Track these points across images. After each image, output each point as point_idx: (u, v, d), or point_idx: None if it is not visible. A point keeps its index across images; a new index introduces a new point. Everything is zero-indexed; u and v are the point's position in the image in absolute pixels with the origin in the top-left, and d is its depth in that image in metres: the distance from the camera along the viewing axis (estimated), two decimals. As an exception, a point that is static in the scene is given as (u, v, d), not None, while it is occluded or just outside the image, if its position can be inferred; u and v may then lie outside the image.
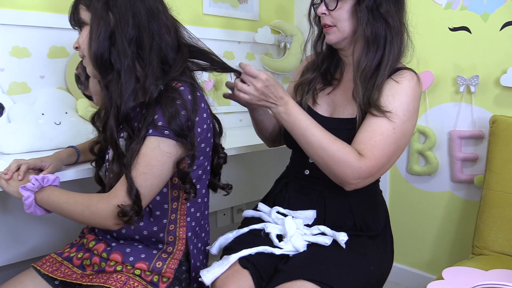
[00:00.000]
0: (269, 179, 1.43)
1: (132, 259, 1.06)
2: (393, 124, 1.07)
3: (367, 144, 1.06)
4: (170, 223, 1.09)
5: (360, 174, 1.05)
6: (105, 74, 1.01)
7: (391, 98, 1.08)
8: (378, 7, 1.08)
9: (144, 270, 1.05)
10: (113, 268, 1.05)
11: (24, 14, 1.46)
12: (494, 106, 1.69)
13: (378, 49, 1.09)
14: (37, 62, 1.52)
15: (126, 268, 1.05)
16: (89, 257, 1.10)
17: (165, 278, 1.06)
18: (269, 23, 2.21)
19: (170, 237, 1.10)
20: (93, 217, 0.99)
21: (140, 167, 0.97)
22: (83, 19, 1.03)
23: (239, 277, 1.06)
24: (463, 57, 1.76)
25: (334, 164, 1.06)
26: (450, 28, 1.78)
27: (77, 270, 1.10)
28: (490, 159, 1.52)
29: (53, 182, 1.05)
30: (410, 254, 2.03)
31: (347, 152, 1.05)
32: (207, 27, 1.99)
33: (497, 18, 1.65)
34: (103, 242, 1.12)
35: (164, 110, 0.97)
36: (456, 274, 1.19)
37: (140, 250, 1.08)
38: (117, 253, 1.07)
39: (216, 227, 2.13)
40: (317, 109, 1.24)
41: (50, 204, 1.03)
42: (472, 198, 1.80)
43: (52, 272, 1.09)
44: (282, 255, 1.11)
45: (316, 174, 1.17)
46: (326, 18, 1.15)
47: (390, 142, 1.07)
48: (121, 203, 0.96)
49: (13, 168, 1.07)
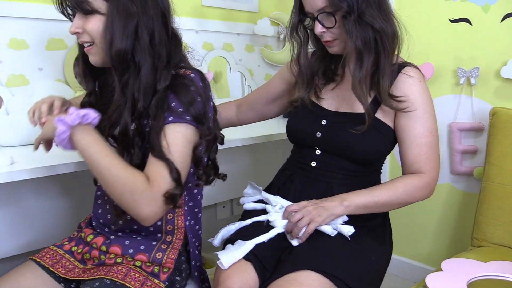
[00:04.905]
0: (269, 171, 1.43)
1: (132, 251, 1.06)
2: (428, 128, 1.14)
3: (421, 161, 1.14)
4: (168, 212, 1.08)
5: (431, 191, 1.17)
6: (124, 70, 0.97)
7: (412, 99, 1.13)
8: (362, 16, 1.08)
9: (144, 261, 1.05)
10: (113, 261, 1.05)
11: (22, 6, 1.45)
12: (494, 98, 1.69)
13: (370, 55, 1.10)
14: (35, 54, 1.51)
15: (126, 260, 1.05)
16: (89, 251, 1.10)
17: (166, 268, 1.06)
18: (269, 15, 2.19)
19: (169, 227, 1.09)
20: (134, 205, 0.90)
21: (170, 154, 0.94)
22: (95, 7, 0.97)
23: (243, 270, 1.06)
24: (464, 49, 1.75)
25: (404, 202, 1.18)
26: (450, 20, 1.77)
27: (78, 264, 1.09)
28: (490, 151, 1.52)
29: (93, 120, 0.95)
30: (409, 246, 2.03)
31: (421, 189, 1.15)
32: (206, 19, 1.98)
33: (498, 9, 1.64)
34: (102, 235, 1.11)
35: (180, 97, 0.96)
36: (455, 265, 1.20)
37: (139, 242, 1.08)
38: (117, 245, 1.07)
39: (215, 220, 2.13)
40: (322, 103, 1.23)
41: (84, 149, 0.91)
42: (471, 190, 1.80)
43: (52, 266, 1.08)
44: (285, 246, 1.12)
45: (324, 166, 1.19)
46: (325, 35, 1.14)
47: (435, 146, 1.16)
48: (167, 189, 0.92)
49: (46, 110, 1.02)
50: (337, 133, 1.17)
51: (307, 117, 1.23)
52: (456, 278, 1.11)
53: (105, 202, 1.12)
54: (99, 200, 1.14)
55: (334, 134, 1.18)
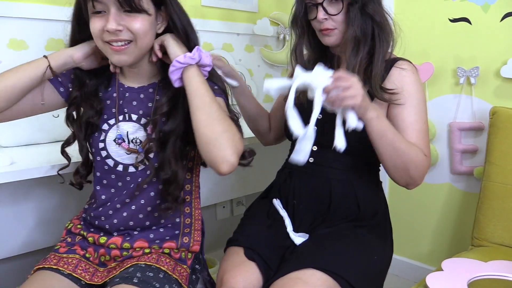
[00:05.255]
0: (270, 172, 1.43)
1: (159, 241, 1.10)
2: (422, 117, 1.14)
3: (420, 145, 1.12)
4: (185, 206, 1.14)
5: (425, 172, 1.13)
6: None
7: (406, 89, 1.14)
8: (365, 7, 1.12)
9: (172, 248, 1.10)
10: (141, 252, 1.08)
11: (21, 6, 1.45)
12: (494, 98, 1.69)
13: (366, 45, 1.13)
14: (35, 55, 1.48)
15: (154, 250, 1.09)
16: (106, 253, 1.09)
17: (190, 254, 1.12)
18: (268, 15, 2.19)
19: (186, 209, 1.13)
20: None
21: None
22: (145, 7, 0.98)
23: (246, 269, 1.07)
24: (463, 49, 1.75)
25: (412, 168, 1.09)
26: (450, 19, 1.77)
27: (98, 267, 1.08)
28: (490, 151, 1.52)
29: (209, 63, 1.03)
30: (410, 246, 2.03)
31: (418, 154, 1.10)
32: (206, 19, 1.97)
33: (498, 9, 1.64)
34: (118, 236, 1.10)
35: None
36: (456, 265, 1.20)
37: (163, 233, 1.11)
38: (141, 240, 1.09)
39: (215, 220, 2.13)
40: None
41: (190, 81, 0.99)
42: (471, 190, 1.80)
43: (75, 271, 1.04)
44: (288, 245, 1.14)
45: (321, 162, 1.20)
46: (326, 22, 1.15)
47: (428, 135, 1.15)
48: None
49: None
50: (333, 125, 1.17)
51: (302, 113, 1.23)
52: (456, 278, 1.11)
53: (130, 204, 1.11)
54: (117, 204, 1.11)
55: (331, 126, 1.18)
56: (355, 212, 1.18)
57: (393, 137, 1.05)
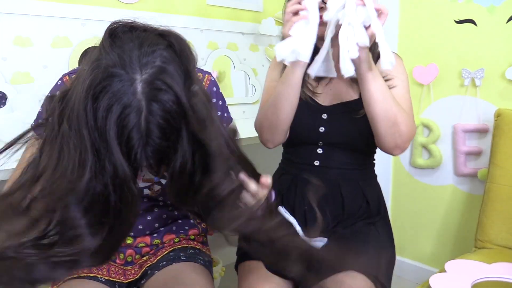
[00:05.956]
0: (271, 172, 1.42)
1: (183, 231, 1.14)
2: (407, 92, 1.15)
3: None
4: None
5: (413, 132, 1.11)
6: None
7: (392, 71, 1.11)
8: None
9: (196, 234, 1.15)
10: (171, 242, 1.12)
11: (27, 3, 1.46)
12: (499, 100, 1.68)
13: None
14: (40, 52, 1.52)
15: (182, 237, 1.14)
16: (136, 252, 1.08)
17: (205, 238, 1.20)
18: (273, 15, 2.19)
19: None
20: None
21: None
22: None
23: (274, 286, 1.07)
24: (469, 50, 1.74)
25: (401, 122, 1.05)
26: (455, 21, 1.77)
27: (125, 267, 1.07)
28: (494, 153, 1.52)
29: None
30: (413, 247, 2.03)
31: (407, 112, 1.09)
32: (211, 18, 1.98)
33: (504, 10, 1.64)
34: (146, 235, 1.10)
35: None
36: (459, 267, 1.19)
37: (184, 224, 1.14)
38: (168, 234, 1.11)
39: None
40: (318, 99, 1.23)
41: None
42: (475, 192, 1.80)
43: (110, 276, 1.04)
44: None
45: (328, 163, 1.20)
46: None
47: (412, 111, 1.15)
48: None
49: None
50: (341, 123, 1.17)
51: (306, 114, 1.22)
52: (460, 280, 1.11)
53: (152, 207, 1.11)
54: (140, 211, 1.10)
55: (338, 124, 1.18)
56: (365, 209, 1.19)
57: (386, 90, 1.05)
